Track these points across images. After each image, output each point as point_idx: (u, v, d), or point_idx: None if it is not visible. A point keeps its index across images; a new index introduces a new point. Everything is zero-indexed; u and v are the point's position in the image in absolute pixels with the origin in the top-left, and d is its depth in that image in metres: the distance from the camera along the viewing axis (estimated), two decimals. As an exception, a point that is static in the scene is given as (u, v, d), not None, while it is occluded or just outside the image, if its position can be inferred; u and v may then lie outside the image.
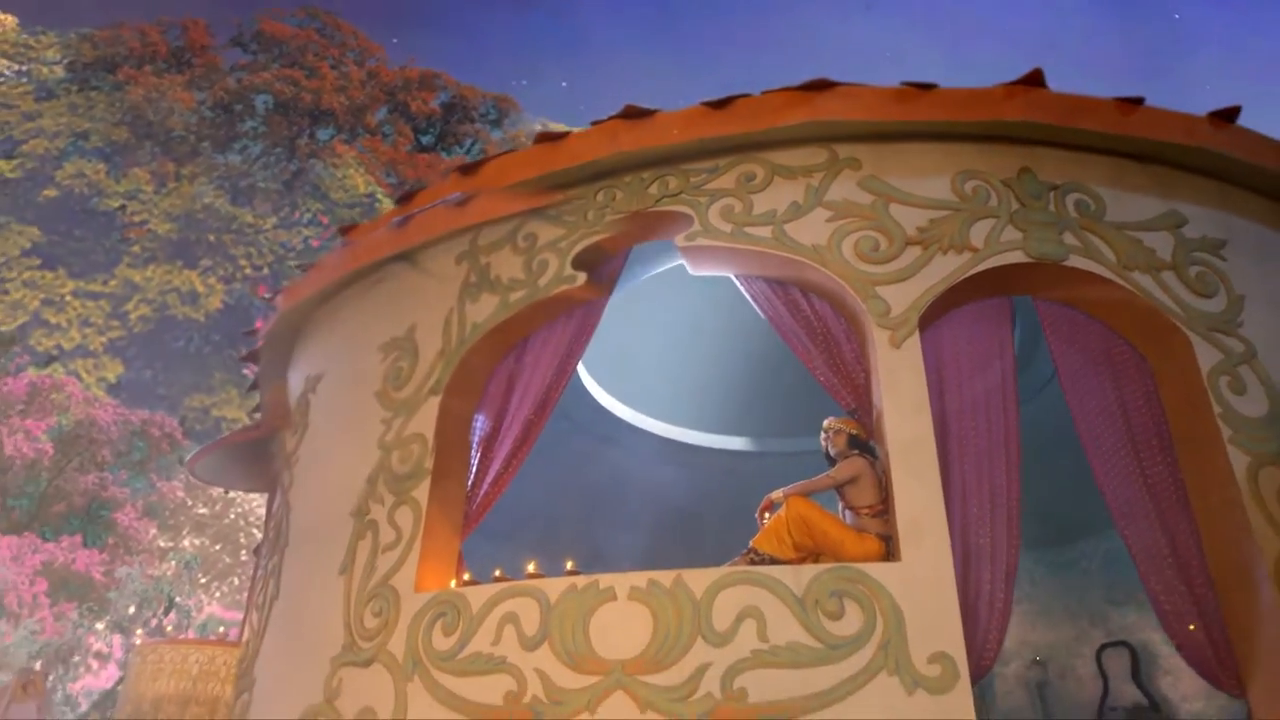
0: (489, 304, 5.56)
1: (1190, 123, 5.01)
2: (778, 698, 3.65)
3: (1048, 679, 9.68)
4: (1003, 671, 10.15)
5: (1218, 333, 4.58)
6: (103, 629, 15.20)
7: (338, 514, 5.47)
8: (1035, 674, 9.67)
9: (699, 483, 9.16)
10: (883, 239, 4.67)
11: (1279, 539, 4.03)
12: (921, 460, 4.05)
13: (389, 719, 4.40)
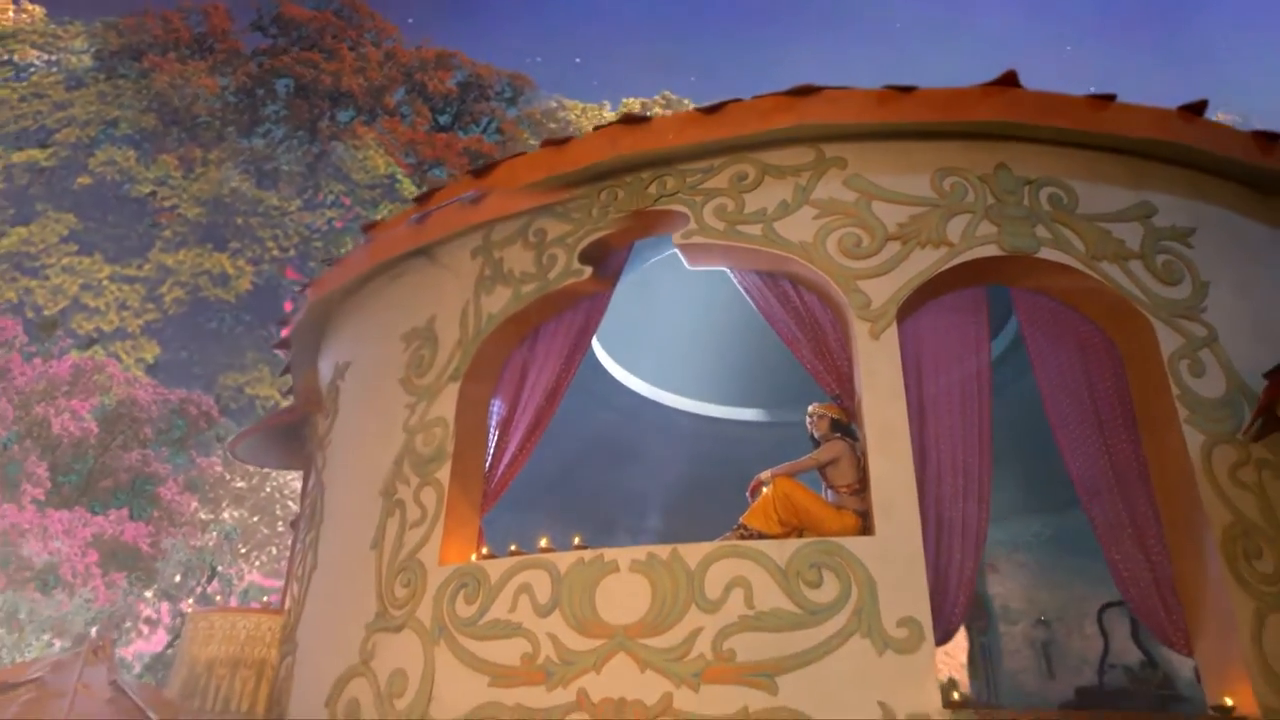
0: (502, 296, 5.91)
1: (1161, 117, 5.22)
2: (762, 658, 4.05)
3: (1052, 638, 10.04)
4: (1009, 630, 10.52)
5: (1180, 318, 4.84)
6: (151, 596, 15.94)
7: (368, 493, 5.90)
8: (1040, 633, 10.03)
9: (713, 452, 9.46)
10: (865, 235, 4.96)
11: (1228, 512, 4.34)
12: (896, 444, 4.39)
13: (419, 679, 4.84)
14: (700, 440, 9.64)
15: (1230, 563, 4.20)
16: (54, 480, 16.51)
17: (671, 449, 9.45)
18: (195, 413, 17.55)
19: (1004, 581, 10.61)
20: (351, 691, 5.16)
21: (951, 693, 3.87)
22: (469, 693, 4.60)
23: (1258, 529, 4.32)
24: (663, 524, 9.54)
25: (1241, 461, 4.48)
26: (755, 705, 3.99)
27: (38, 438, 16.64)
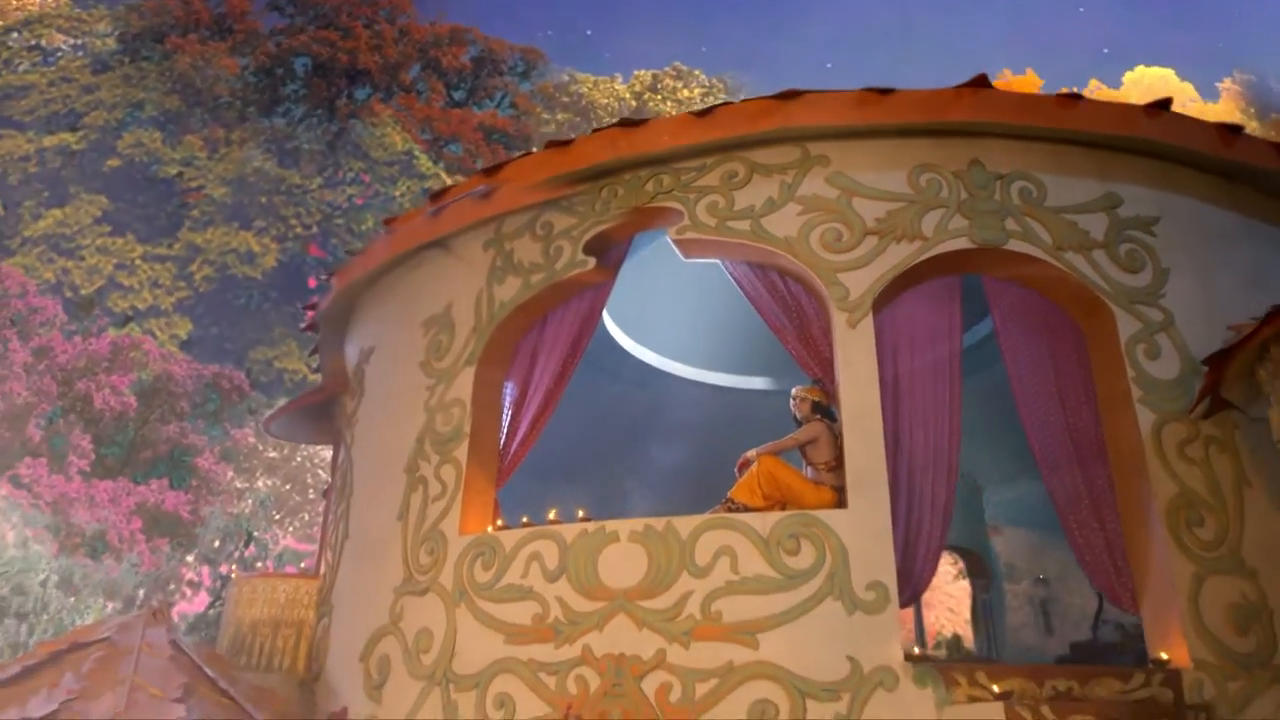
0: (513, 285, 6.30)
1: (1127, 113, 5.50)
2: (745, 618, 4.49)
3: (1051, 595, 10.47)
4: (1013, 588, 10.95)
5: (1139, 304, 5.16)
6: (193, 561, 16.67)
7: (393, 469, 6.38)
8: (1040, 591, 10.45)
9: (722, 419, 9.78)
10: (845, 230, 5.30)
11: (1174, 485, 4.70)
12: (869, 426, 4.77)
13: (442, 637, 5.34)
14: (710, 408, 9.95)
15: (1173, 531, 4.58)
16: (97, 452, 17.20)
17: (682, 417, 9.75)
18: (228, 386, 18.15)
19: (1007, 542, 11.01)
20: (383, 649, 5.68)
21: (913, 648, 4.29)
22: (487, 649, 5.09)
23: (1201, 500, 4.69)
24: (674, 488, 9.94)
25: (1190, 438, 4.83)
26: (739, 660, 4.45)
27: (81, 412, 17.32)
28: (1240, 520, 4.68)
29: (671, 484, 9.67)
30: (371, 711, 5.58)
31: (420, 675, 5.34)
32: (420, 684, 5.32)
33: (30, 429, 16.57)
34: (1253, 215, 5.88)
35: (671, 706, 4.48)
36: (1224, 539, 4.62)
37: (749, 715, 4.32)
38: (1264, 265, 5.64)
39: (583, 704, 4.64)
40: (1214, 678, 4.30)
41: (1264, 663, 4.39)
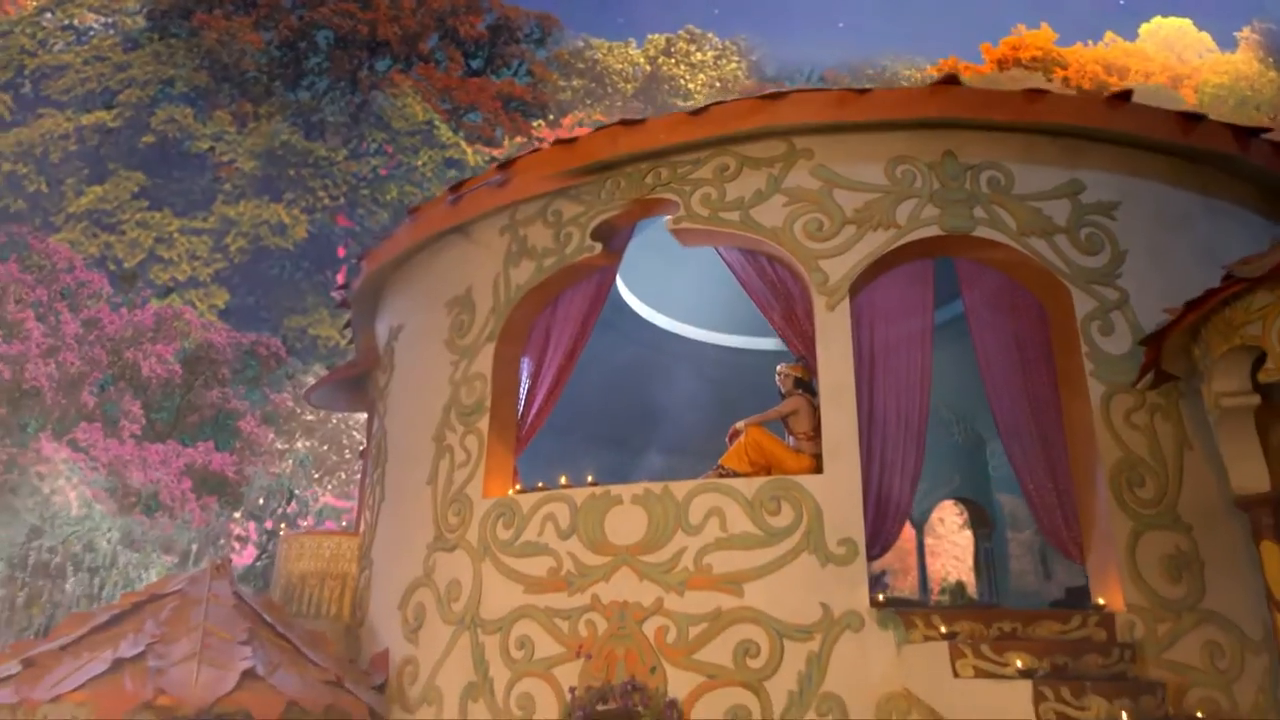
0: (527, 269, 6.80)
1: (1089, 105, 5.86)
2: (732, 570, 5.06)
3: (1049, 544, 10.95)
4: (1015, 536, 11.47)
5: (1096, 284, 5.57)
6: (239, 517, 17.58)
7: (422, 438, 6.97)
8: (1040, 540, 10.94)
9: (734, 379, 10.08)
10: (826, 220, 5.72)
11: (1119, 449, 5.16)
12: (844, 400, 5.26)
13: (470, 588, 5.97)
14: (722, 368, 10.22)
15: (1115, 491, 5.06)
16: (147, 417, 18.05)
17: (696, 377, 10.03)
18: (265, 353, 18.89)
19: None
20: (418, 598, 6.33)
21: (877, 594, 4.83)
22: (508, 598, 5.72)
23: (1143, 463, 5.16)
24: (689, 445, 10.44)
25: (1136, 407, 5.28)
26: (726, 606, 5.02)
27: (130, 380, 18.15)
28: (1179, 480, 5.15)
29: (684, 440, 10.11)
30: (410, 653, 6.26)
31: (451, 621, 5.99)
32: (451, 628, 5.97)
33: (84, 396, 17.42)
34: (1214, 194, 6.21)
35: (668, 646, 5.09)
36: (1162, 498, 5.09)
37: (734, 654, 4.92)
38: (1222, 241, 5.97)
39: (592, 644, 5.26)
40: (1144, 620, 4.82)
41: (1192, 607, 4.89)
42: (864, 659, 4.74)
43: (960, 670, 4.27)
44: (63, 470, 15.29)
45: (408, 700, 6.14)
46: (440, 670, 5.96)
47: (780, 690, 4.81)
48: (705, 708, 4.92)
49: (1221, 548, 5.00)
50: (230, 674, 5.22)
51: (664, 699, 4.98)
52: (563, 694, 5.29)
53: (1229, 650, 4.84)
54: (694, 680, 4.98)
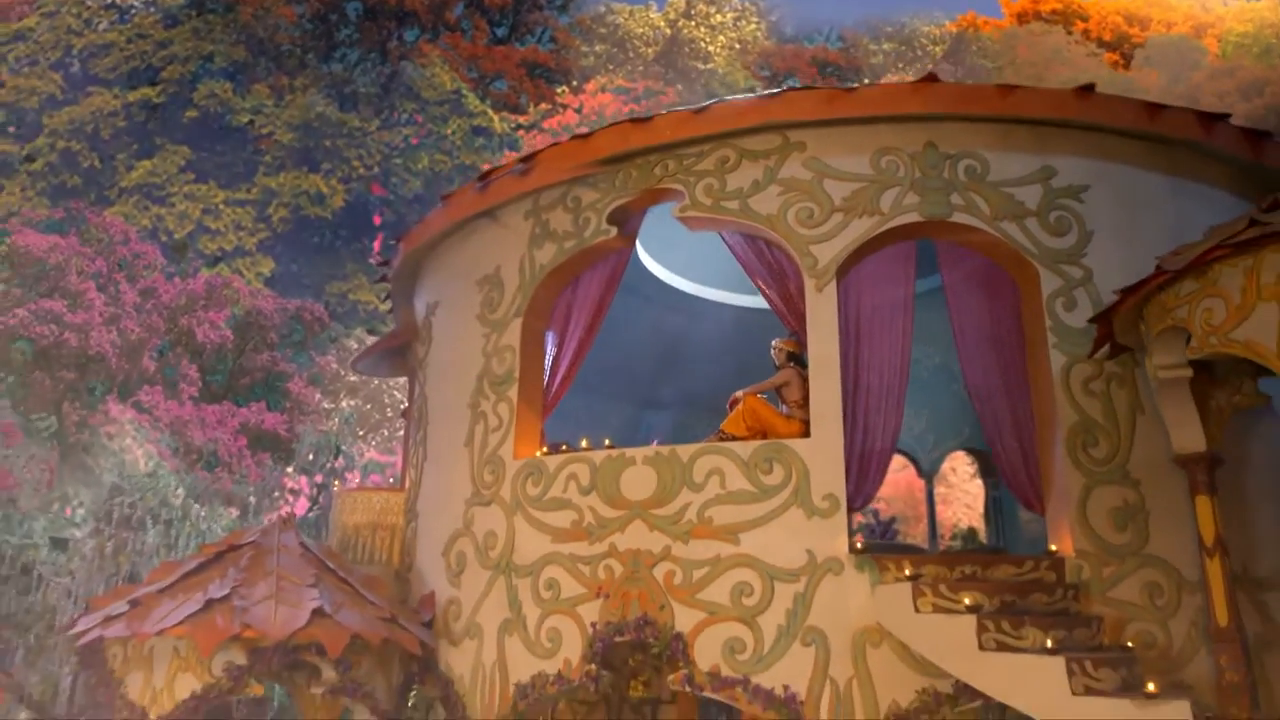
0: (550, 250, 7.38)
1: (1059, 97, 6.23)
2: (730, 522, 5.71)
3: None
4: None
5: (1063, 264, 6.02)
6: (291, 472, 18.60)
7: (459, 404, 7.66)
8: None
9: (752, 338, 10.49)
10: (816, 208, 6.22)
11: (1075, 414, 5.69)
12: (829, 372, 5.83)
13: (504, 538, 6.70)
14: (741, 328, 10.52)
15: (1070, 451, 5.61)
16: (203, 380, 19.05)
17: (714, 336, 10.43)
18: (310, 318, 19.75)
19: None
20: (459, 546, 7.10)
21: (855, 541, 5.46)
22: (537, 547, 6.44)
23: (1098, 425, 5.69)
24: (706, 399, 10.96)
25: (1094, 375, 5.79)
26: (725, 553, 5.69)
27: (186, 345, 19.12)
28: (1130, 441, 5.68)
29: (703, 394, 10.54)
30: (453, 594, 7.05)
31: (488, 566, 6.74)
32: (489, 573, 6.73)
33: (145, 361, 18.42)
34: (1182, 175, 6.58)
35: (675, 588, 5.78)
36: (1114, 456, 5.63)
37: (732, 594, 5.60)
38: (1187, 219, 6.32)
39: (609, 586, 5.97)
40: (1091, 564, 5.40)
41: (1135, 552, 5.46)
42: (843, 598, 5.40)
43: (920, 607, 4.90)
44: (129, 430, 16.32)
45: (453, 634, 6.95)
46: (480, 609, 6.73)
47: (771, 624, 5.49)
48: (706, 639, 5.62)
49: (1166, 499, 5.53)
50: (302, 612, 6.02)
51: (671, 632, 5.69)
52: (585, 628, 6.03)
53: (1167, 589, 5.41)
54: (697, 616, 5.68)
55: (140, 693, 5.90)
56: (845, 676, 5.28)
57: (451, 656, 6.94)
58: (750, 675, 5.43)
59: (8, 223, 20.90)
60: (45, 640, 10.91)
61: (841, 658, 5.31)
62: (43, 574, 11.16)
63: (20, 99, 22.17)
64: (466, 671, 6.74)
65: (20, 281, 18.49)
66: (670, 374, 10.94)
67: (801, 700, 5.29)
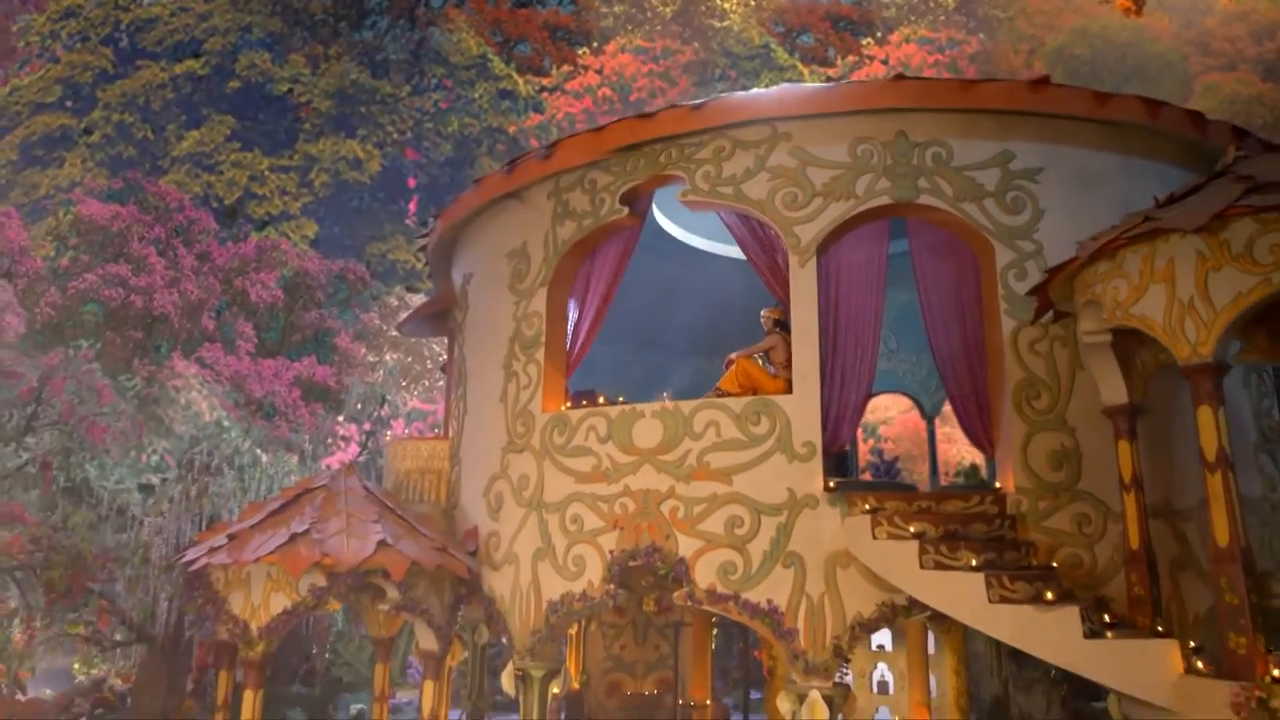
0: (570, 227, 8.18)
1: (1015, 89, 6.84)
2: (724, 466, 6.61)
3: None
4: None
5: (1017, 239, 6.72)
6: (342, 420, 19.80)
7: (494, 364, 8.58)
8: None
9: (757, 290, 11.24)
10: (800, 192, 6.95)
11: (1022, 371, 6.45)
12: (809, 337, 6.63)
13: (535, 480, 7.67)
14: (751, 281, 11.36)
15: (1015, 404, 6.40)
16: (258, 337, 20.18)
17: (730, 291, 10.74)
18: (353, 278, 20.73)
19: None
20: (497, 488, 8.10)
21: (829, 480, 6.34)
22: (564, 487, 7.41)
23: (1041, 381, 6.46)
24: (720, 347, 11.60)
25: (1040, 338, 6.52)
26: (720, 492, 6.61)
27: (241, 305, 20.22)
28: (1069, 394, 6.44)
29: (716, 342, 11.09)
30: (493, 528, 8.08)
31: (522, 504, 7.74)
32: (523, 510, 7.73)
33: (204, 320, 19.57)
34: (1132, 154, 7.18)
35: (679, 521, 6.73)
36: (1053, 408, 6.41)
37: (725, 525, 6.54)
38: (1135, 194, 6.91)
39: (624, 520, 6.94)
40: (1029, 498, 6.24)
41: (1068, 488, 6.28)
42: (817, 528, 6.31)
43: (877, 535, 5.79)
44: (194, 384, 17.52)
45: (494, 562, 8.01)
46: (516, 540, 7.76)
47: (758, 550, 6.43)
48: (705, 563, 6.59)
49: (1097, 444, 6.29)
50: (369, 543, 7.09)
51: (676, 557, 6.66)
52: (605, 555, 7.03)
53: (1095, 519, 6.24)
54: (697, 544, 6.64)
55: (242, 608, 7.04)
56: (818, 592, 6.23)
57: (493, 580, 8.02)
58: (740, 592, 6.40)
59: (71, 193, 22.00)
60: (140, 571, 12.22)
61: (815, 577, 6.25)
62: (135, 514, 12.43)
63: (75, 74, 23.05)
64: (506, 592, 7.81)
65: (87, 248, 19.59)
66: (687, 324, 11.71)
67: (782, 612, 6.26)
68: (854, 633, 6.12)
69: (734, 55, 24.23)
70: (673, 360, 11.79)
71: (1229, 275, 4.58)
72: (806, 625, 6.20)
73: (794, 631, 6.19)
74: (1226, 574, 4.47)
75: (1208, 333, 4.65)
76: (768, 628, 6.29)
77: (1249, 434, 7.30)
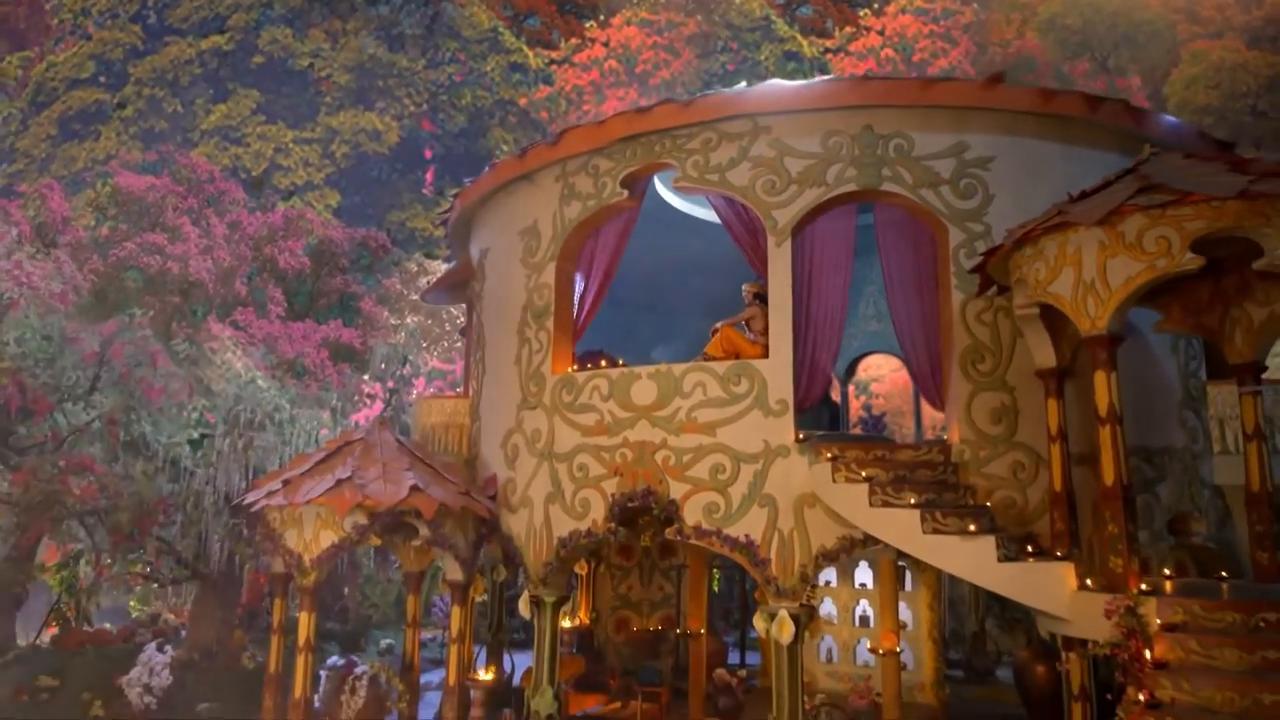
0: (575, 208, 8.94)
1: (969, 88, 7.50)
2: (710, 420, 7.47)
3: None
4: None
5: (968, 221, 7.44)
6: (367, 378, 20.74)
7: (508, 331, 9.42)
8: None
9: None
10: (778, 180, 7.68)
11: (968, 339, 7.23)
12: (784, 310, 7.42)
13: (547, 433, 8.56)
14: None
15: (962, 367, 7.19)
16: (288, 301, 21.05)
17: (726, 259, 11.27)
18: (375, 245, 21.50)
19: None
20: (513, 440, 9.00)
21: (799, 433, 7.18)
22: (571, 439, 8.30)
23: (985, 347, 7.24)
24: (718, 310, 12.26)
25: (985, 309, 7.29)
26: (705, 443, 7.47)
27: (271, 271, 21.04)
28: (1010, 358, 7.22)
29: (715, 305, 11.87)
30: (510, 476, 9.00)
31: (535, 455, 8.64)
32: (536, 459, 8.63)
33: (237, 285, 20.42)
34: (1075, 143, 7.83)
35: (670, 468, 7.61)
36: (995, 370, 7.20)
37: (710, 471, 7.41)
38: (1077, 180, 7.49)
39: (624, 467, 7.83)
40: (971, 448, 7.07)
41: (1006, 440, 7.10)
42: (788, 474, 7.17)
43: (836, 479, 6.65)
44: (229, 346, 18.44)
45: (511, 505, 8.95)
46: (530, 486, 8.69)
47: (737, 493, 7.32)
48: (692, 504, 7.49)
49: (1032, 401, 7.08)
50: (404, 487, 8.02)
51: (668, 499, 7.56)
52: (606, 498, 7.93)
53: (1028, 466, 7.06)
54: (685, 488, 7.53)
55: (295, 543, 8.02)
56: (788, 528, 7.13)
57: (510, 521, 8.97)
58: (722, 528, 7.31)
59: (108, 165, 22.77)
60: (193, 516, 13.27)
61: (786, 515, 7.13)
62: (186, 466, 13.45)
63: (107, 51, 23.60)
64: (522, 531, 8.76)
65: (125, 218, 20.38)
66: (687, 288, 12.48)
67: (757, 545, 7.16)
68: (818, 562, 7.03)
69: (736, 27, 24.53)
70: (674, 321, 12.59)
71: (1122, 261, 5.34)
72: (778, 556, 7.11)
73: (767, 561, 7.11)
74: (1110, 508, 5.32)
75: (1104, 309, 5.43)
76: (745, 558, 7.20)
77: (1175, 393, 8.10)
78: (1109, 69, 23.33)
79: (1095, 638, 5.21)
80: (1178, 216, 5.06)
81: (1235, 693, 4.23)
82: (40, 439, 11.63)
